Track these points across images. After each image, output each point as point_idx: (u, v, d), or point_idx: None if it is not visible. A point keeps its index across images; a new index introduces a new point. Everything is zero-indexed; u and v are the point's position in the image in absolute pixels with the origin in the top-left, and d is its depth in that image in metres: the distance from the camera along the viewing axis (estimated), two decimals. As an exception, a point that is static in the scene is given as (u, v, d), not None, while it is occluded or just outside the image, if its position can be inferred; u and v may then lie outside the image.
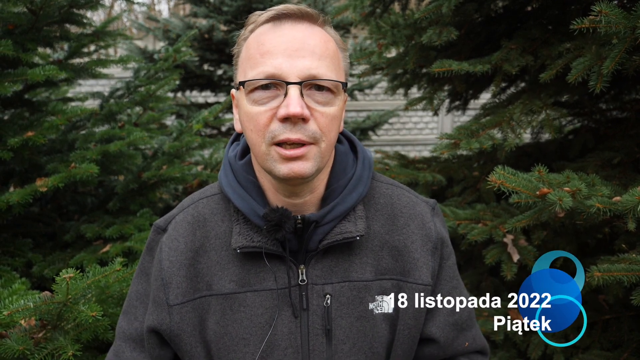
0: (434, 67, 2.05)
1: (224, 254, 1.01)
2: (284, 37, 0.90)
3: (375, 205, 1.06)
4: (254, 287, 0.99)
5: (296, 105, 0.86)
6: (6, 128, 2.23)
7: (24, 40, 2.25)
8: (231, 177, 1.03)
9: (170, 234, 1.04)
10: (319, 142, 0.91)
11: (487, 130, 2.04)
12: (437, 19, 2.17)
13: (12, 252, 2.20)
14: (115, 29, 2.95)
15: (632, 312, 1.99)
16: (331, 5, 5.72)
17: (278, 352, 0.97)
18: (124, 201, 2.52)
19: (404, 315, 1.02)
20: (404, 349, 1.04)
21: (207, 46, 5.68)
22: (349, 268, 1.01)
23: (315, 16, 0.95)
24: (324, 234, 0.98)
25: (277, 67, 0.88)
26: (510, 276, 1.87)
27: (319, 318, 0.98)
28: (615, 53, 1.56)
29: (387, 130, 8.46)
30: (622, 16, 1.51)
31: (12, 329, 1.44)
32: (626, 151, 2.08)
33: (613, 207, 1.48)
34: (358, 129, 6.30)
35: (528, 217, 1.72)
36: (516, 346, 2.07)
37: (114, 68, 6.82)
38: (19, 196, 1.99)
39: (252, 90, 0.91)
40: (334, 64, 0.93)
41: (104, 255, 2.14)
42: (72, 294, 1.41)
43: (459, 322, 1.09)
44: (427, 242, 1.05)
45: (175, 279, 1.00)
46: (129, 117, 2.89)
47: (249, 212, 0.98)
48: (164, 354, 1.05)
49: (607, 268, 1.48)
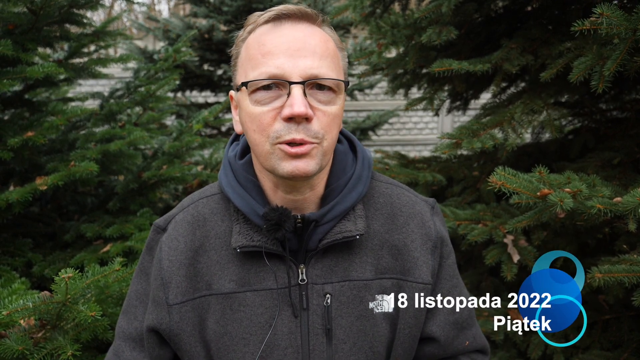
0: (434, 66, 2.05)
1: (223, 253, 1.01)
2: (284, 37, 0.91)
3: (374, 204, 1.06)
4: (253, 287, 0.99)
5: (300, 104, 0.87)
6: (6, 128, 2.23)
7: (24, 40, 2.25)
8: (231, 177, 1.03)
9: (170, 234, 1.04)
10: (321, 141, 0.91)
11: (488, 130, 2.03)
12: (437, 19, 2.16)
13: (12, 252, 2.20)
14: (115, 29, 2.95)
15: (632, 312, 1.99)
16: (331, 5, 5.72)
17: (278, 352, 0.97)
18: (124, 201, 2.52)
19: (405, 314, 1.02)
20: (405, 348, 1.04)
21: (207, 46, 5.68)
22: (349, 267, 1.01)
23: (315, 16, 0.95)
24: (324, 233, 0.98)
25: (279, 67, 0.89)
26: (511, 277, 1.87)
27: (319, 317, 0.98)
28: (617, 54, 1.56)
29: (387, 130, 8.46)
30: (623, 18, 1.51)
31: (11, 329, 1.44)
32: (626, 151, 2.08)
33: (614, 208, 1.48)
34: (358, 129, 6.30)
35: (528, 217, 1.72)
36: (516, 346, 2.07)
37: (114, 68, 6.84)
38: (19, 195, 1.99)
39: (254, 91, 0.91)
40: (334, 63, 0.94)
41: (104, 255, 2.14)
42: (71, 294, 1.41)
43: (459, 321, 1.09)
44: (427, 241, 1.05)
45: (175, 279, 1.00)
46: (129, 117, 2.89)
47: (249, 212, 0.98)
48: (163, 353, 1.05)
49: (608, 269, 1.48)
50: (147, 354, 1.04)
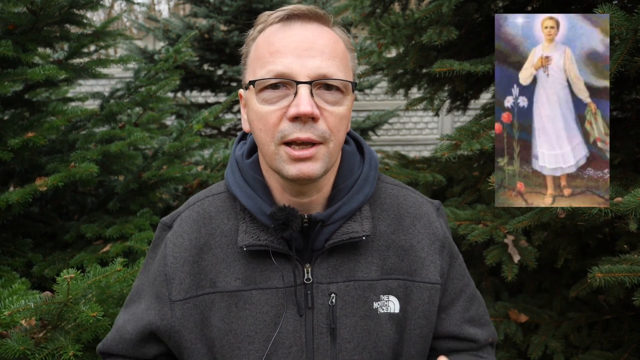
0: (435, 67, 2.05)
1: (229, 251, 1.01)
2: (293, 37, 0.91)
3: (381, 205, 1.07)
4: (259, 285, 0.99)
5: (306, 104, 0.87)
6: (6, 128, 2.23)
7: (24, 41, 2.25)
8: (238, 176, 1.03)
9: (175, 231, 1.05)
10: (327, 142, 0.91)
11: (487, 131, 2.03)
12: (437, 19, 2.16)
13: (12, 252, 2.20)
14: (115, 29, 2.95)
15: (632, 312, 1.99)
16: (331, 5, 5.73)
17: (282, 350, 0.98)
18: (124, 201, 2.52)
19: (413, 314, 1.02)
20: (417, 348, 1.04)
21: (207, 46, 5.68)
22: (354, 267, 1.01)
23: (325, 17, 0.95)
24: (330, 233, 0.99)
25: (287, 66, 0.89)
26: (511, 277, 1.87)
27: (324, 317, 0.99)
28: (618, 55, 1.56)
29: (387, 130, 8.46)
30: (624, 18, 1.51)
31: (12, 329, 1.44)
32: (626, 151, 2.08)
33: (615, 208, 1.48)
34: (358, 129, 6.30)
35: (529, 217, 1.72)
36: (516, 346, 2.07)
37: (114, 68, 6.84)
38: (19, 195, 1.99)
39: (262, 90, 0.91)
40: (343, 63, 0.94)
41: (104, 255, 2.14)
42: (72, 294, 1.41)
43: (475, 318, 1.11)
44: (434, 242, 1.06)
45: (179, 275, 1.01)
46: (129, 117, 2.88)
47: (256, 211, 0.98)
48: (144, 351, 1.06)
49: (608, 269, 1.48)
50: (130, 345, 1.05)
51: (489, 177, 1.63)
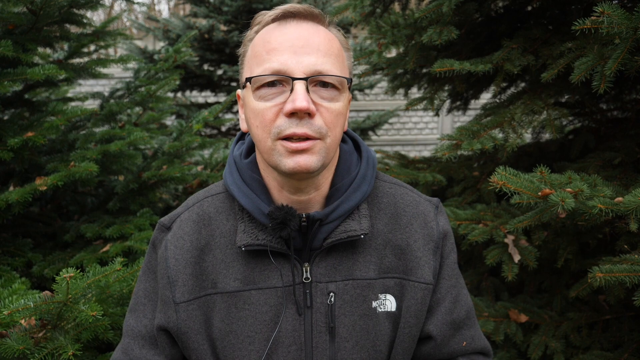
0: (435, 66, 2.04)
1: (228, 252, 1.01)
2: (289, 35, 0.92)
3: (378, 204, 1.07)
4: (258, 285, 0.99)
5: (302, 100, 0.87)
6: (6, 128, 2.23)
7: (24, 41, 2.24)
8: (236, 176, 1.03)
9: (176, 232, 1.05)
10: (324, 137, 0.91)
11: (488, 131, 2.03)
12: (438, 19, 2.16)
13: (12, 252, 2.19)
14: (115, 29, 2.94)
15: (632, 313, 1.99)
16: (331, 5, 5.73)
17: (282, 349, 0.98)
18: (124, 201, 2.52)
19: (406, 313, 1.03)
20: (404, 347, 1.04)
21: (207, 46, 5.68)
22: (353, 266, 1.01)
23: (320, 16, 0.96)
24: (329, 232, 0.99)
25: (283, 63, 0.89)
26: (511, 277, 1.87)
27: (323, 316, 0.99)
28: (618, 54, 1.56)
29: (387, 130, 8.46)
30: (624, 17, 1.51)
31: (12, 329, 1.44)
32: (627, 151, 2.08)
33: (615, 207, 1.48)
34: (358, 129, 6.30)
35: (529, 217, 1.72)
36: (516, 346, 2.07)
37: (114, 68, 6.83)
38: (19, 195, 1.98)
39: (259, 87, 0.92)
40: (338, 61, 0.95)
41: (104, 255, 2.14)
42: (72, 294, 1.40)
43: (456, 321, 1.09)
44: (429, 242, 1.06)
45: (181, 277, 1.01)
46: (129, 117, 2.88)
47: (254, 210, 0.98)
48: (175, 352, 1.05)
49: (609, 269, 1.48)
50: (159, 351, 1.04)
51: (489, 177, 1.63)
